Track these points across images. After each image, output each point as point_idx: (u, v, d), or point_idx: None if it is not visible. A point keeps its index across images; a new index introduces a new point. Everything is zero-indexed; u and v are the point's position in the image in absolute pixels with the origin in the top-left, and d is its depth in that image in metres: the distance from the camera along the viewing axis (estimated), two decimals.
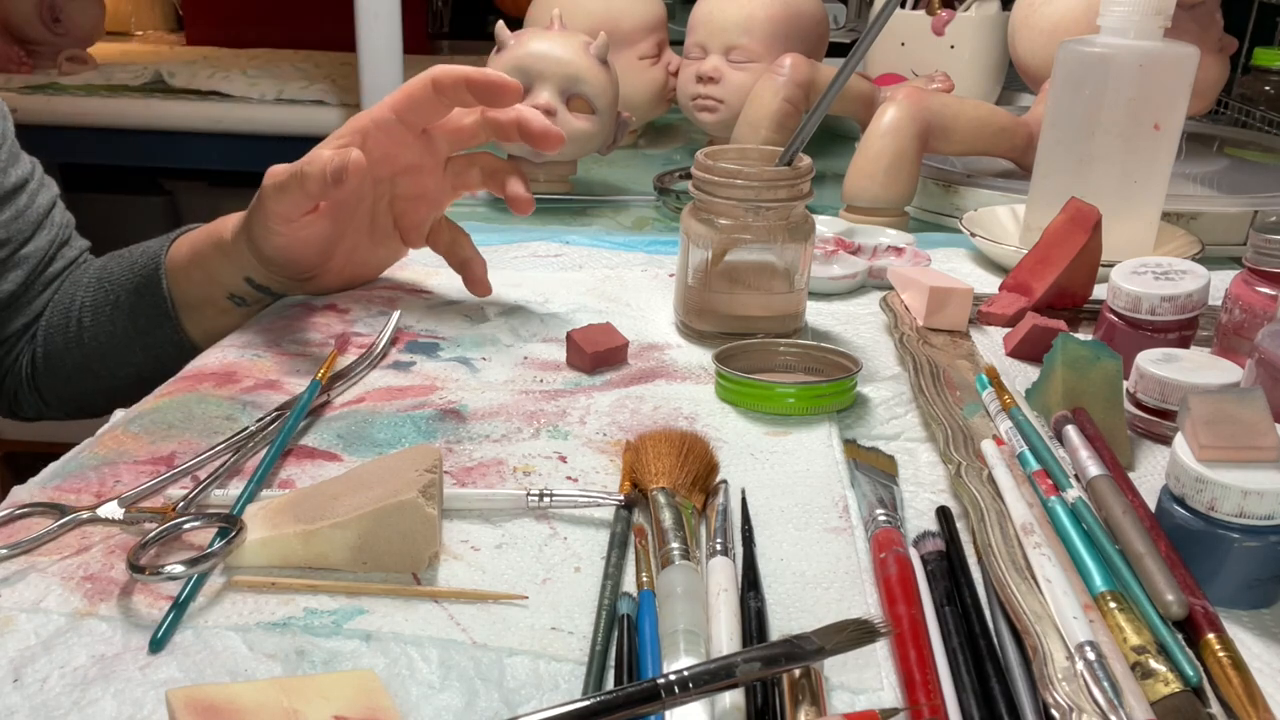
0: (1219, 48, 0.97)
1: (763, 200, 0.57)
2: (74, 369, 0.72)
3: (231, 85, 1.69)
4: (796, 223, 0.59)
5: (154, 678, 0.34)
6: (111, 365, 0.71)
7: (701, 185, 0.59)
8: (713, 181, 0.58)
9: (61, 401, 0.75)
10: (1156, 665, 0.32)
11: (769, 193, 0.57)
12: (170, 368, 0.58)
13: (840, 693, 0.34)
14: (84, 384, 0.73)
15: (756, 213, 0.58)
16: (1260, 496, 0.37)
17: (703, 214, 0.59)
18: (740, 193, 0.57)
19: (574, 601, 0.38)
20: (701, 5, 1.06)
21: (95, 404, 0.74)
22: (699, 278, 0.60)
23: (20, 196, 0.71)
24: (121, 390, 0.69)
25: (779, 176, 0.57)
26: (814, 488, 0.46)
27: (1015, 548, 0.39)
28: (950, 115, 0.85)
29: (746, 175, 0.57)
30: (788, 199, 0.58)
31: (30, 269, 0.72)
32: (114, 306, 0.69)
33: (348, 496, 0.40)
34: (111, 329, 0.69)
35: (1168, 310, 0.55)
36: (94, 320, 0.70)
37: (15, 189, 0.70)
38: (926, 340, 0.59)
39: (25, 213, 0.71)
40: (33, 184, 0.72)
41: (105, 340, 0.70)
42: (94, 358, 0.71)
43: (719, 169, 0.58)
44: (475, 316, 0.64)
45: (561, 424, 0.51)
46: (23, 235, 0.71)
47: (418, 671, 0.34)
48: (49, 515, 0.41)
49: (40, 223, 0.72)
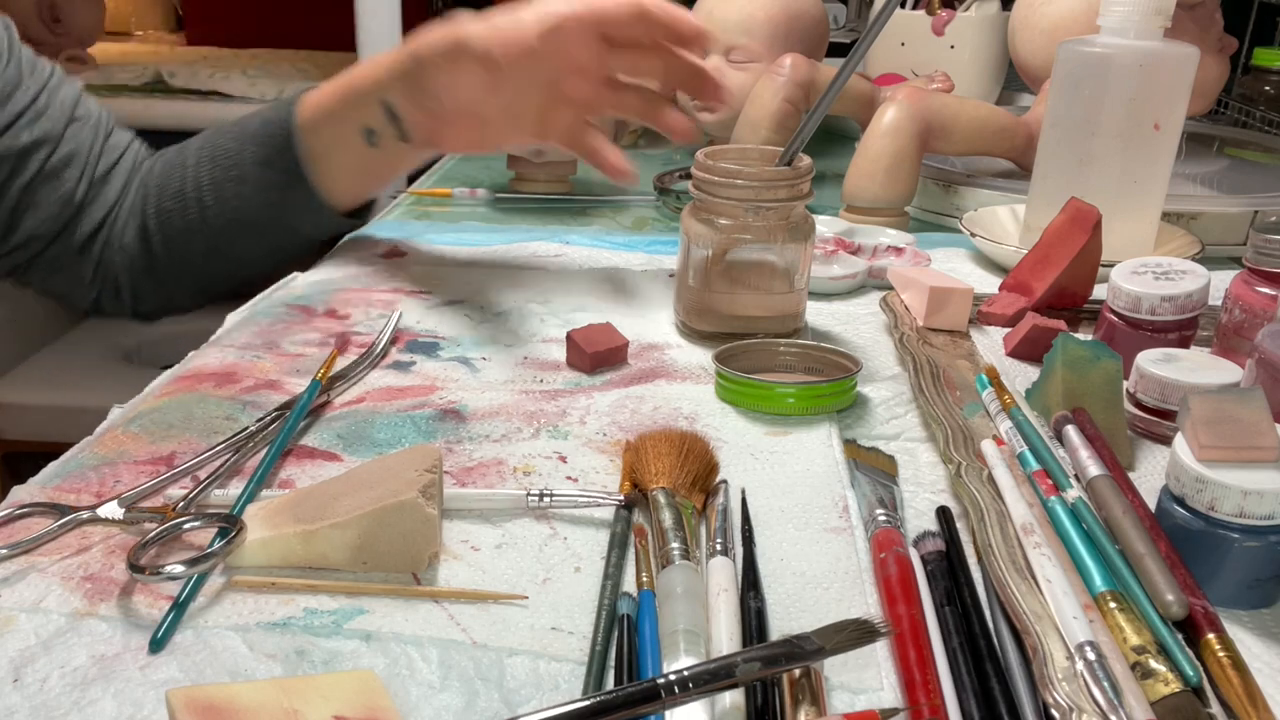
0: (1219, 48, 0.97)
1: (763, 200, 0.57)
2: (204, 252, 0.72)
3: (231, 85, 1.69)
4: (796, 223, 0.59)
5: (154, 678, 0.34)
6: (242, 243, 0.71)
7: (701, 185, 0.59)
8: (713, 181, 0.58)
9: (192, 293, 0.75)
10: (1156, 665, 0.32)
11: (769, 193, 0.57)
12: (307, 234, 0.62)
13: (840, 693, 0.34)
14: (215, 267, 0.73)
15: (757, 213, 0.58)
16: (1260, 496, 0.37)
17: (702, 214, 0.59)
18: (740, 193, 0.57)
19: (574, 601, 0.38)
20: (701, 5, 1.06)
21: (227, 286, 0.74)
22: (699, 278, 0.60)
23: (40, 97, 0.70)
24: (256, 269, 0.72)
25: (779, 176, 0.57)
26: (814, 488, 0.46)
27: (1015, 548, 0.39)
28: (950, 115, 0.85)
29: (747, 175, 0.57)
30: (788, 199, 0.58)
31: (82, 165, 0.71)
32: (238, 182, 0.69)
33: (348, 496, 0.40)
34: (238, 204, 0.70)
35: (1168, 310, 0.55)
36: (216, 199, 0.70)
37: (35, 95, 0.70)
38: (926, 340, 0.59)
39: (47, 110, 0.70)
40: (53, 81, 0.71)
41: (232, 218, 0.70)
42: (223, 238, 0.71)
43: (719, 169, 0.58)
44: (475, 316, 0.64)
45: (561, 424, 0.51)
46: (56, 132, 0.70)
47: (418, 671, 0.34)
48: (49, 515, 0.41)
49: (70, 117, 0.71)
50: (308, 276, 0.71)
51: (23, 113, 0.68)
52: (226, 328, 0.62)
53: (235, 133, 0.71)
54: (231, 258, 0.72)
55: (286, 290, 0.68)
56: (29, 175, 0.69)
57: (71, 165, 0.70)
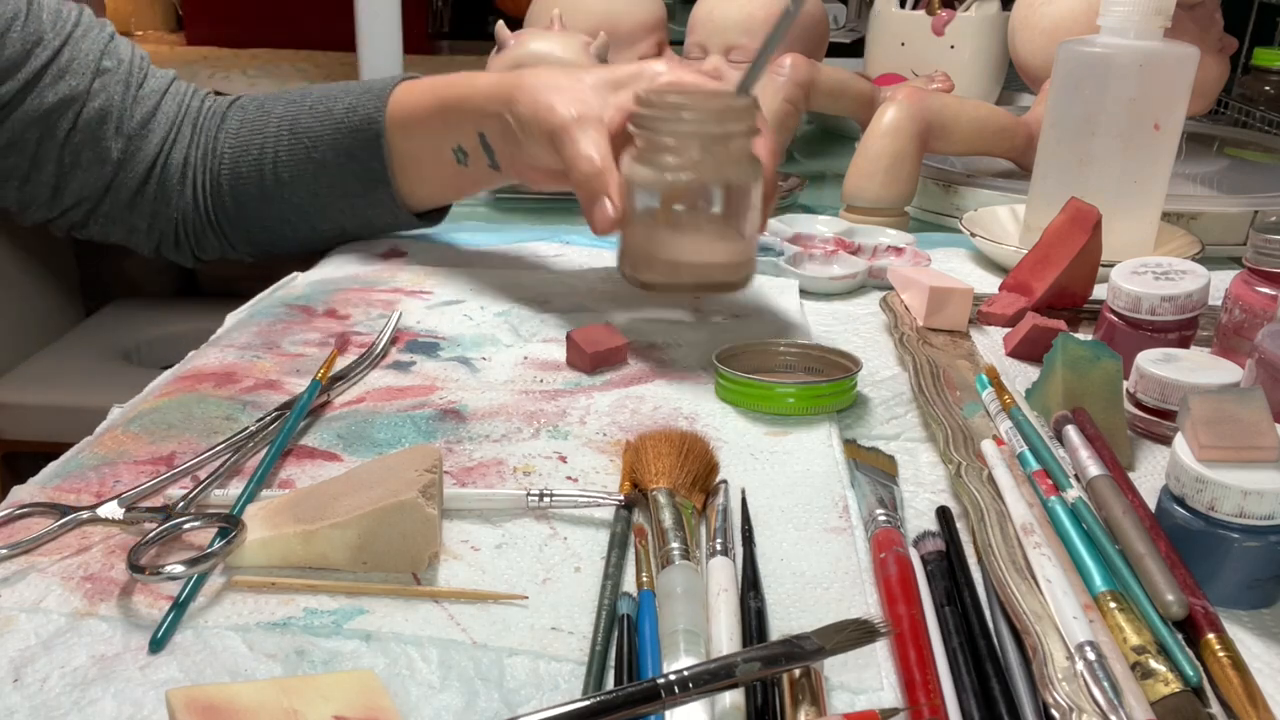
0: (1219, 48, 0.97)
1: (713, 134, 0.54)
2: (274, 220, 0.73)
3: (231, 85, 1.69)
4: (744, 162, 0.55)
5: (154, 678, 0.34)
6: (314, 221, 0.72)
7: (645, 123, 0.55)
8: (658, 118, 0.54)
9: (257, 251, 0.76)
10: (1156, 665, 0.32)
11: (719, 126, 0.54)
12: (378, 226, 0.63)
13: (840, 693, 0.34)
14: (283, 233, 0.74)
15: (708, 149, 0.54)
16: (1260, 496, 0.37)
17: (645, 155, 0.55)
18: (689, 126, 0.54)
19: (574, 601, 0.38)
20: (701, 5, 1.06)
21: (292, 251, 0.75)
22: (643, 225, 0.56)
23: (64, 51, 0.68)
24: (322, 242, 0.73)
25: (731, 108, 0.54)
26: (814, 488, 0.46)
27: (1015, 548, 0.39)
28: (950, 115, 0.85)
29: (695, 106, 0.54)
30: (740, 133, 0.55)
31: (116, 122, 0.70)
32: (319, 167, 0.69)
33: (348, 496, 0.40)
34: (315, 188, 0.70)
35: (1168, 310, 0.55)
36: (294, 177, 0.70)
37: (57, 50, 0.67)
38: (926, 340, 0.59)
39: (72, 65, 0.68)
40: (78, 31, 0.69)
41: (308, 198, 0.71)
42: (295, 212, 0.72)
43: (667, 102, 0.54)
44: (476, 316, 0.64)
45: (561, 424, 0.51)
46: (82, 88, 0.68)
47: (418, 671, 0.34)
48: (49, 515, 0.41)
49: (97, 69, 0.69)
50: (308, 276, 0.71)
51: (44, 71, 0.66)
52: (226, 328, 0.62)
53: (321, 111, 0.70)
54: (303, 229, 0.73)
55: (286, 290, 0.68)
56: (62, 136, 0.68)
57: (105, 123, 0.69)
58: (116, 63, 0.70)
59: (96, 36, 0.70)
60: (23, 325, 1.73)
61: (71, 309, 1.88)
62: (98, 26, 0.71)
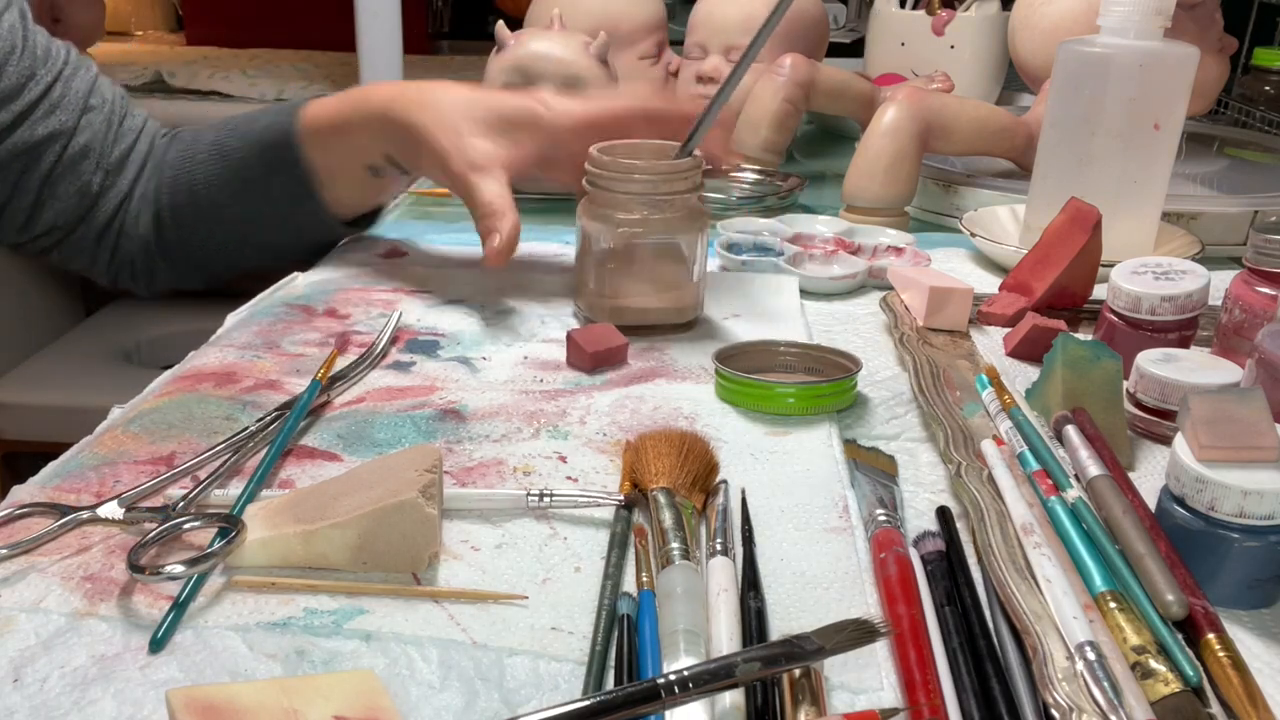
0: (1219, 48, 0.97)
1: (661, 193, 0.58)
2: (214, 244, 0.74)
3: (231, 85, 1.69)
4: (693, 214, 0.60)
5: (154, 678, 0.34)
6: (252, 240, 0.73)
7: (597, 181, 0.59)
8: (609, 176, 0.58)
9: (205, 276, 0.77)
10: (1156, 665, 0.32)
11: (667, 185, 0.58)
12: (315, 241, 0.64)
13: (840, 693, 0.34)
14: (229, 257, 0.75)
15: (656, 206, 0.58)
16: (1260, 496, 0.37)
17: (598, 209, 0.60)
18: (639, 186, 0.58)
19: (574, 601, 0.38)
20: (701, 5, 1.06)
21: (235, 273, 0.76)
22: (597, 274, 0.61)
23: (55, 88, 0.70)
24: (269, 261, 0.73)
25: (677, 169, 0.58)
26: (814, 488, 0.46)
27: (1015, 548, 0.39)
28: (950, 115, 0.85)
29: (645, 169, 0.58)
30: (686, 191, 0.59)
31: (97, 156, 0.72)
32: (245, 184, 0.70)
33: (348, 496, 0.40)
34: (246, 206, 0.71)
35: (1168, 310, 0.55)
36: (227, 198, 0.71)
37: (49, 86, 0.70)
38: (926, 340, 0.59)
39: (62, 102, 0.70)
40: (67, 70, 0.71)
41: (244, 220, 0.72)
42: (233, 235, 0.73)
43: (617, 164, 0.58)
44: (475, 316, 0.64)
45: (561, 424, 0.51)
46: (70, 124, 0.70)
47: (418, 671, 0.34)
48: (49, 515, 0.41)
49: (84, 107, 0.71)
50: (308, 276, 0.71)
51: (37, 104, 0.68)
52: (226, 328, 0.62)
53: (244, 131, 0.71)
54: (244, 251, 0.74)
55: (286, 290, 0.68)
56: (46, 168, 0.69)
57: (87, 158, 0.71)
58: (101, 101, 0.73)
59: (84, 75, 0.72)
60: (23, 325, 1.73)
61: (71, 309, 1.88)
62: (84, 65, 0.73)
